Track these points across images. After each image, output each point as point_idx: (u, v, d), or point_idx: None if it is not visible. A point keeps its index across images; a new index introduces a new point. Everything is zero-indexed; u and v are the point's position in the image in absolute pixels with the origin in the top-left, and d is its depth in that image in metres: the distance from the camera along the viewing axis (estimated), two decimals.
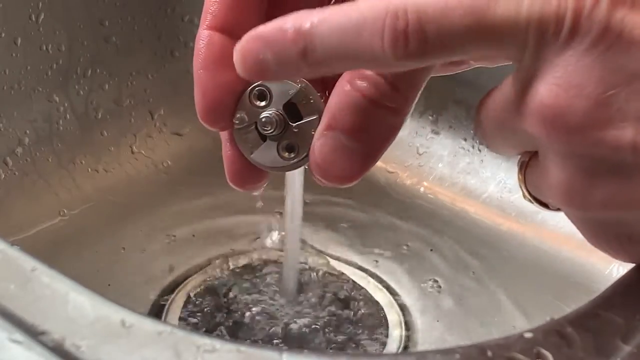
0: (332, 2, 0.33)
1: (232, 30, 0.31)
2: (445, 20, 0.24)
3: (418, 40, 0.25)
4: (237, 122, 0.31)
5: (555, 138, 0.25)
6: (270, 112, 0.31)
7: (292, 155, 0.31)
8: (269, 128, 0.31)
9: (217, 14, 0.31)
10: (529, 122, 0.26)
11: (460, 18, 0.24)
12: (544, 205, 0.30)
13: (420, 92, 0.29)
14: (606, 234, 0.29)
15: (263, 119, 0.31)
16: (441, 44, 0.25)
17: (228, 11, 0.31)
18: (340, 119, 0.29)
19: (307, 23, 0.26)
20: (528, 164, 0.30)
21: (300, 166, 0.31)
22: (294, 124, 0.31)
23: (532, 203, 0.31)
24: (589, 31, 0.24)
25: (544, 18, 0.24)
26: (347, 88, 0.28)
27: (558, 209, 0.30)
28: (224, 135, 0.33)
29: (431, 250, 0.61)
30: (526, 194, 0.30)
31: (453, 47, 0.25)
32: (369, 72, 0.28)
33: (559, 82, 0.25)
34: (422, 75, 0.28)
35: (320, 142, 0.29)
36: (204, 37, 0.31)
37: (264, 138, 0.31)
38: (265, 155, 0.31)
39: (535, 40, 0.25)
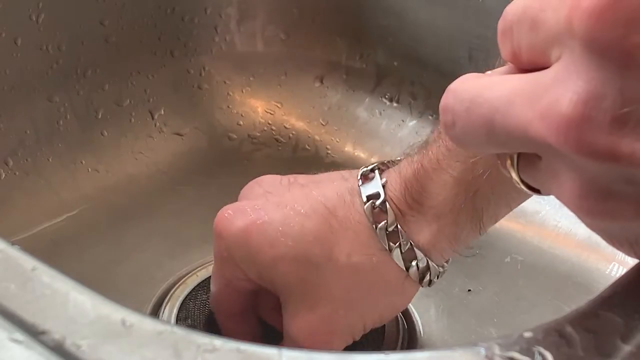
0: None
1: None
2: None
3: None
4: None
5: (567, 148, 0.24)
6: None
7: None
8: None
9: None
10: (538, 128, 0.25)
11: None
12: (536, 190, 0.30)
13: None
14: (618, 238, 0.28)
15: None
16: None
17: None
18: None
19: None
20: (519, 159, 0.29)
21: None
22: None
23: (524, 190, 0.30)
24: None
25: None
26: None
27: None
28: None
29: None
30: (519, 182, 0.30)
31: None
32: None
33: (580, 90, 0.23)
34: None
35: None
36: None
37: None
38: None
39: None
